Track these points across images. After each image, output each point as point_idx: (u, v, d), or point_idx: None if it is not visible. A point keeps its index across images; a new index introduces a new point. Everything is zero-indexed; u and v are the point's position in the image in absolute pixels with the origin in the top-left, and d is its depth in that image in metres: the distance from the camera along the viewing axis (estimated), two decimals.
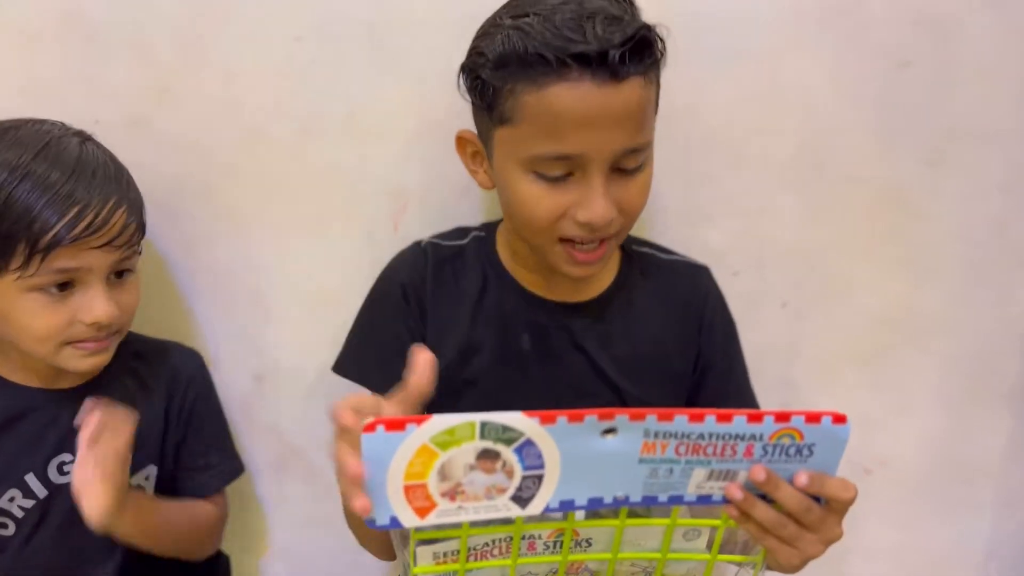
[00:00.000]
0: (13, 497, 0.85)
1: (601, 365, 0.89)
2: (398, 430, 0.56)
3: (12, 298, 0.77)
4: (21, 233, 0.74)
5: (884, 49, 0.98)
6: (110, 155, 0.84)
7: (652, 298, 0.92)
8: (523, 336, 0.88)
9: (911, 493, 1.15)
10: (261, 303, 1.00)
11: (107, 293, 0.79)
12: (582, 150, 0.74)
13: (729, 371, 0.95)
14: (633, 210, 0.80)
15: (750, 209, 1.03)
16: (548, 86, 0.72)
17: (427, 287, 0.88)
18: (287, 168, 0.97)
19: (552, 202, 0.77)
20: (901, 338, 1.10)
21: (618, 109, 0.73)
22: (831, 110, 1.01)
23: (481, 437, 0.57)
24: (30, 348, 0.81)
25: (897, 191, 1.04)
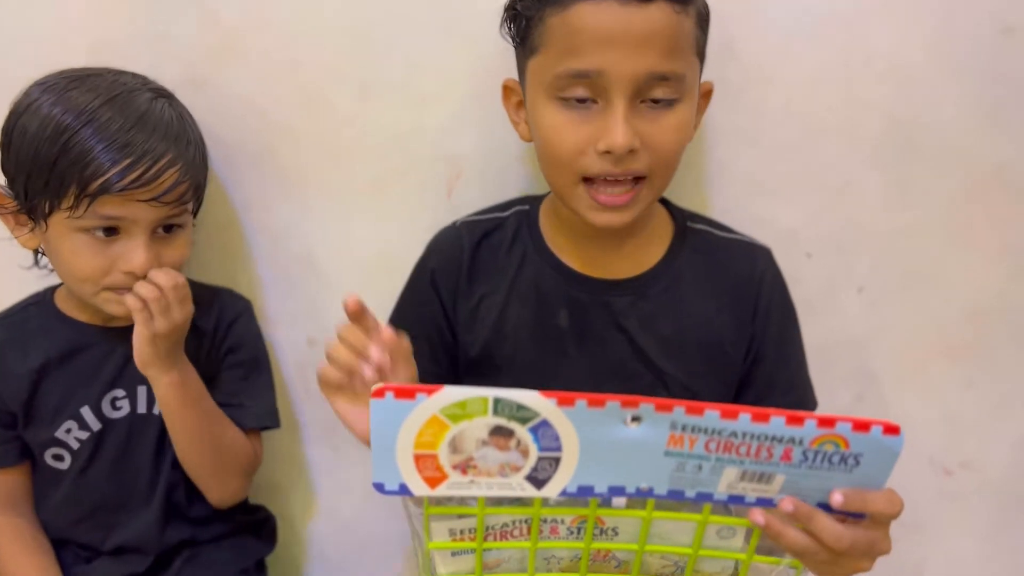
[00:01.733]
0: (70, 428, 0.89)
1: (642, 346, 0.84)
2: (407, 398, 0.55)
3: (60, 235, 0.81)
4: (75, 175, 0.77)
5: (986, 12, 0.89)
6: (181, 114, 0.86)
7: (703, 278, 0.86)
8: (560, 313, 0.85)
9: (1000, 500, 1.06)
10: (316, 266, 1.00)
11: (148, 245, 0.81)
12: (602, 67, 0.72)
13: (782, 361, 0.88)
14: (663, 149, 0.75)
15: (829, 186, 0.96)
16: (572, 5, 0.72)
17: (463, 269, 0.87)
18: (344, 131, 0.96)
19: (574, 132, 0.75)
20: (996, 332, 1.01)
21: (641, 28, 0.71)
22: (925, 79, 0.92)
23: (494, 413, 0.56)
24: (73, 286, 0.85)
25: (998, 171, 0.95)
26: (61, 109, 0.79)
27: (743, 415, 0.54)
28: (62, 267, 0.84)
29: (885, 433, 0.55)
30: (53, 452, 0.90)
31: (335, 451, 1.07)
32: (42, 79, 0.83)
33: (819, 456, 0.55)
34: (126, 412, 0.90)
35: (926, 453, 1.04)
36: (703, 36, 0.79)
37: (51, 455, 0.90)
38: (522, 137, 0.84)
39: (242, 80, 0.94)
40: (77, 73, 0.83)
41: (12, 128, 0.81)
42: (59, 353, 0.89)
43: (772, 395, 0.87)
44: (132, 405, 0.90)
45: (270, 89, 0.95)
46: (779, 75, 0.92)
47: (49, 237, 0.82)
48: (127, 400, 0.90)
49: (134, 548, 0.92)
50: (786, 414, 0.54)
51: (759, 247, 0.90)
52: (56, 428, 0.88)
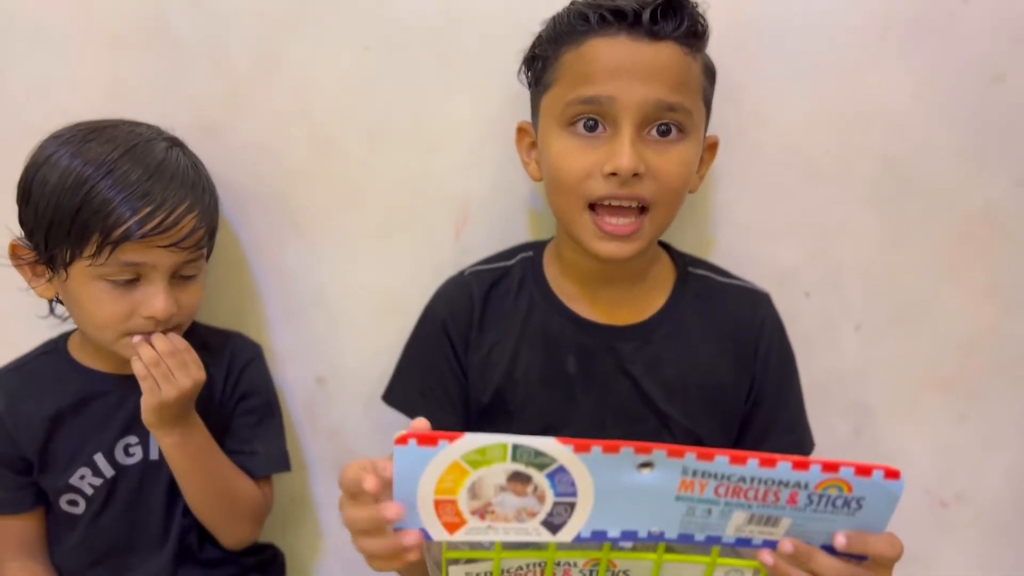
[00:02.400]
0: (83, 475, 0.90)
1: (647, 391, 0.86)
2: (430, 445, 0.56)
3: (81, 283, 0.82)
4: (97, 224, 0.79)
5: (976, 62, 0.93)
6: (194, 162, 0.88)
7: (705, 323, 0.88)
8: (569, 359, 0.87)
9: (994, 532, 1.09)
10: (325, 306, 1.02)
11: (167, 291, 0.83)
12: (612, 93, 0.75)
13: (782, 404, 0.90)
14: (667, 179, 0.78)
15: (826, 227, 0.99)
16: (586, 42, 0.77)
17: (473, 318, 0.89)
18: (354, 175, 0.98)
19: (582, 156, 0.78)
20: (988, 366, 1.04)
21: (650, 62, 0.75)
22: (918, 125, 0.96)
23: (513, 459, 0.57)
24: (92, 333, 0.86)
25: (987, 212, 0.98)
26: (81, 161, 0.80)
27: (751, 461, 0.56)
28: (82, 315, 0.85)
29: (886, 477, 0.56)
30: (68, 498, 0.90)
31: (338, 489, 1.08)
32: (57, 132, 0.84)
33: (823, 500, 0.57)
34: (139, 458, 0.91)
35: (921, 485, 1.07)
36: (710, 87, 0.82)
37: (66, 501, 0.90)
38: (532, 177, 0.87)
39: (253, 126, 0.96)
40: (92, 125, 0.85)
41: (31, 181, 0.82)
42: (73, 401, 0.89)
43: (771, 436, 0.89)
44: (145, 451, 0.91)
45: (281, 135, 0.97)
46: (777, 120, 0.95)
47: (68, 286, 0.83)
48: (140, 447, 0.91)
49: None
50: (792, 460, 0.56)
51: (759, 292, 0.92)
52: (70, 475, 0.89)
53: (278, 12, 0.93)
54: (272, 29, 0.94)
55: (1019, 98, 0.94)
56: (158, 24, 0.94)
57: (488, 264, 0.93)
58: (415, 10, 0.93)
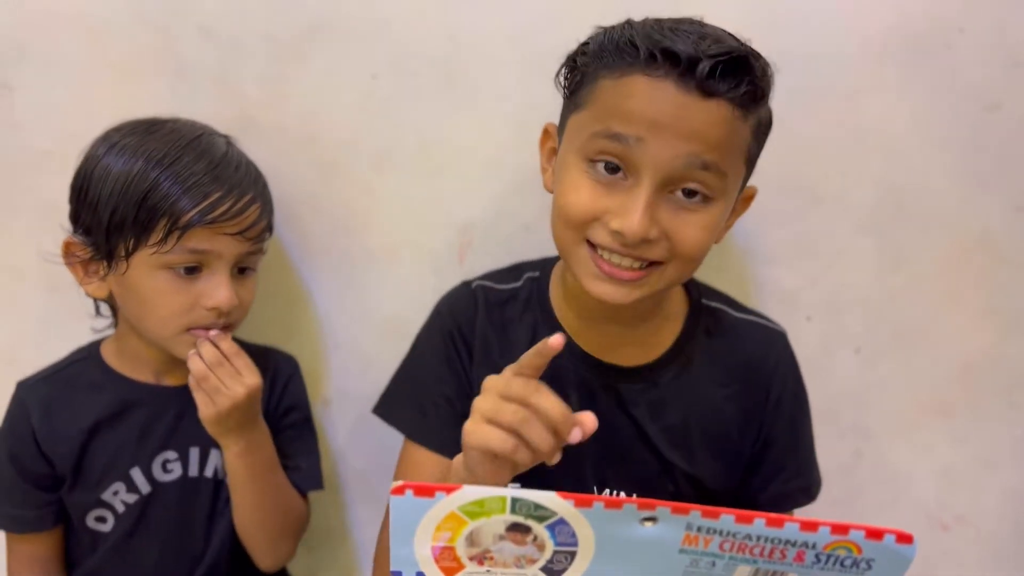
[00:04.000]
0: (117, 491, 0.88)
1: (649, 435, 0.83)
2: (427, 496, 0.56)
3: (144, 273, 0.81)
4: (164, 210, 0.79)
5: (972, 91, 0.95)
6: (251, 160, 0.89)
7: (715, 363, 0.85)
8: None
9: (993, 554, 1.09)
10: (331, 329, 1.03)
11: (230, 282, 0.83)
12: (641, 135, 0.68)
13: (791, 448, 0.88)
14: (684, 245, 0.71)
15: (827, 252, 1.00)
16: (630, 74, 0.69)
17: (476, 331, 0.86)
18: (360, 200, 0.99)
19: (592, 199, 0.71)
20: (987, 389, 1.05)
21: (695, 121, 0.67)
22: (915, 152, 0.97)
23: (512, 512, 0.57)
24: (153, 328, 0.84)
25: (984, 237, 1.00)
26: (142, 154, 0.80)
27: (758, 520, 0.55)
28: (142, 308, 0.83)
29: (898, 542, 0.55)
30: (96, 514, 0.88)
31: (346, 510, 1.09)
32: (115, 127, 0.85)
33: (832, 560, 0.56)
34: (177, 475, 0.89)
35: (923, 508, 1.07)
36: (757, 146, 0.75)
37: (94, 518, 0.88)
38: (545, 186, 0.82)
39: (261, 151, 0.96)
40: (150, 121, 0.85)
41: (89, 176, 0.81)
42: (111, 411, 0.88)
43: (779, 479, 0.87)
44: (184, 468, 0.89)
45: (289, 160, 0.98)
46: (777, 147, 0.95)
47: (128, 279, 0.81)
48: (179, 463, 0.89)
49: None
50: (800, 521, 0.55)
51: (774, 331, 0.89)
52: (103, 490, 0.87)
53: (286, 39, 0.95)
54: (280, 56, 0.95)
55: (1015, 125, 0.96)
56: (167, 51, 0.95)
57: (495, 283, 0.89)
58: (422, 38, 0.94)
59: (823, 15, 0.94)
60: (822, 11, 0.94)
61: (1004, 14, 0.93)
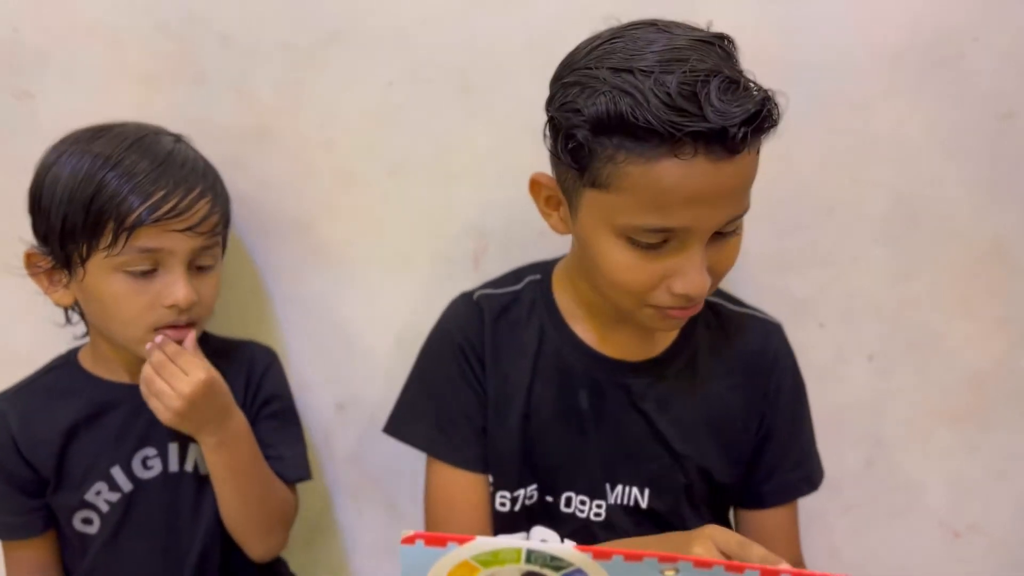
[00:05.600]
0: (100, 491, 0.89)
1: (660, 428, 0.85)
2: (438, 546, 0.55)
3: (101, 278, 0.82)
4: (110, 212, 0.79)
5: (986, 99, 0.95)
6: (200, 155, 0.89)
7: (717, 356, 0.87)
8: (581, 393, 0.85)
9: (1007, 562, 1.09)
10: (346, 335, 1.04)
11: (187, 278, 0.83)
12: (688, 224, 0.68)
13: (792, 438, 0.89)
14: (724, 271, 0.75)
15: (840, 260, 1.01)
16: (658, 160, 0.65)
17: (485, 343, 0.86)
18: (376, 207, 1.00)
19: (647, 272, 0.71)
20: (999, 399, 1.05)
21: (730, 184, 0.68)
22: (929, 161, 0.98)
23: (527, 562, 0.56)
24: (118, 332, 0.85)
25: (998, 246, 1.00)
26: (91, 155, 0.81)
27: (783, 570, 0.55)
28: (104, 313, 0.84)
29: None
30: (82, 516, 0.89)
31: (360, 515, 1.09)
32: (63, 138, 0.85)
33: None
34: (158, 471, 0.90)
35: (936, 516, 1.08)
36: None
37: (80, 519, 0.89)
38: (555, 229, 0.80)
39: (278, 159, 0.98)
40: (98, 127, 0.86)
41: (42, 183, 0.83)
42: (87, 413, 0.89)
43: (782, 470, 0.89)
44: (164, 463, 0.90)
45: (305, 167, 0.99)
46: (792, 156, 0.97)
47: (87, 285, 0.82)
48: (159, 459, 0.90)
49: None
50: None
51: (771, 324, 0.91)
52: (85, 491, 0.88)
53: (304, 48, 0.96)
54: (298, 64, 0.96)
55: None
56: (187, 59, 0.96)
57: (496, 288, 0.90)
58: (438, 46, 0.95)
59: (836, 24, 0.94)
60: (835, 20, 0.94)
61: (1018, 23, 0.94)
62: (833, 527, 1.08)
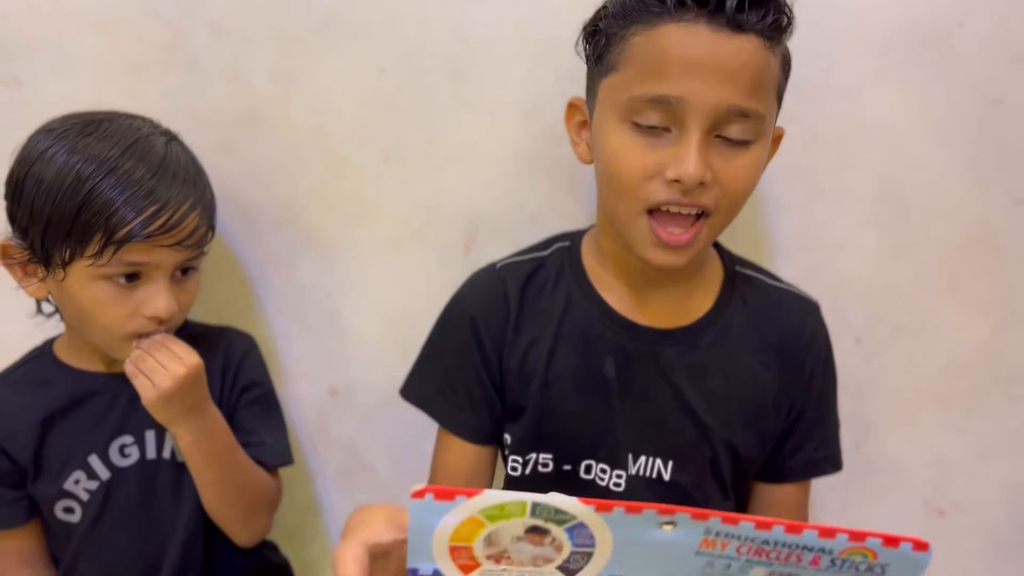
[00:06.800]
0: (78, 479, 0.88)
1: (689, 400, 0.82)
2: (447, 500, 0.56)
3: (82, 284, 0.80)
4: (99, 224, 0.78)
5: (974, 85, 0.96)
6: (192, 157, 0.88)
7: (751, 329, 0.85)
8: (607, 361, 0.83)
9: (989, 540, 1.11)
10: (338, 321, 1.04)
11: (169, 289, 0.83)
12: (682, 94, 0.69)
13: (820, 419, 0.89)
14: (734, 189, 0.73)
15: (827, 243, 1.02)
16: (660, 26, 0.70)
17: (509, 318, 0.85)
18: (367, 193, 1.00)
19: (644, 157, 0.72)
20: (984, 381, 1.06)
21: (729, 59, 0.69)
22: (917, 146, 0.99)
23: (532, 515, 0.57)
24: (94, 335, 0.84)
25: (984, 230, 1.01)
26: (79, 158, 0.78)
27: (777, 527, 0.56)
28: (82, 316, 0.83)
29: (914, 549, 0.55)
30: (63, 505, 0.89)
31: (352, 500, 1.10)
32: (49, 125, 0.82)
33: (847, 564, 0.57)
34: (135, 459, 0.90)
35: (920, 495, 1.09)
36: (784, 80, 0.77)
37: (61, 508, 0.89)
38: (580, 158, 0.82)
39: (270, 145, 0.98)
40: (87, 118, 0.83)
41: (24, 177, 0.80)
42: (63, 403, 0.88)
43: (806, 448, 0.88)
44: (141, 451, 0.90)
45: (296, 154, 0.99)
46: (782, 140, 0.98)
47: (67, 286, 0.81)
48: (135, 446, 0.90)
49: None
50: (819, 528, 0.56)
51: (809, 302, 0.89)
52: (64, 480, 0.88)
53: (295, 34, 0.96)
54: (289, 51, 0.96)
55: (1016, 118, 0.97)
56: (178, 46, 0.96)
57: (522, 256, 0.89)
58: (430, 33, 0.95)
59: (826, 9, 0.95)
60: (825, 5, 0.95)
61: (1005, 9, 0.94)
62: (820, 505, 1.10)
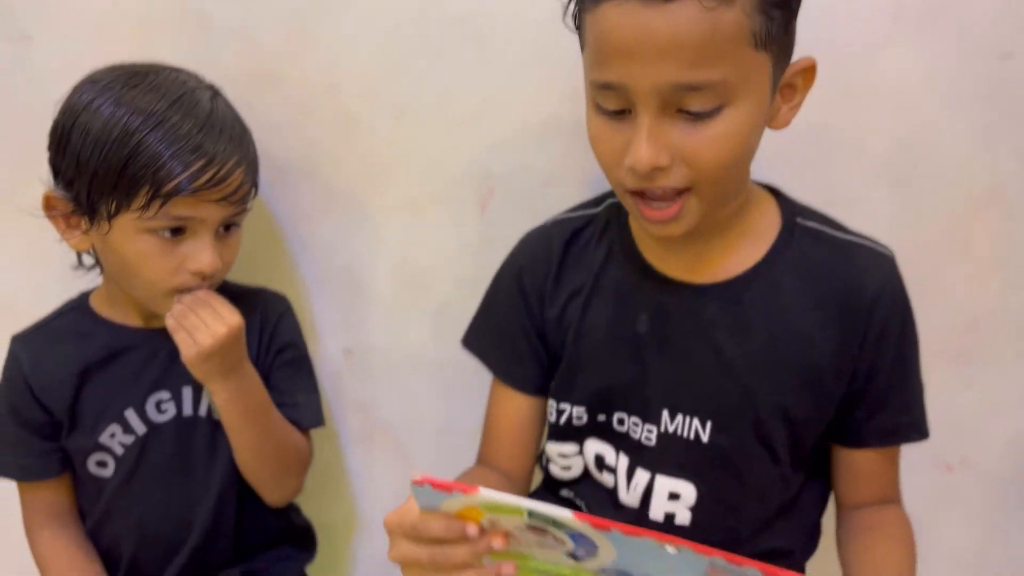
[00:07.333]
0: (114, 433, 0.89)
1: (732, 362, 0.78)
2: (445, 491, 0.57)
3: (127, 237, 0.81)
4: (147, 177, 0.78)
5: (985, 40, 0.96)
6: (236, 114, 0.87)
7: (809, 285, 0.78)
8: (640, 317, 0.80)
9: (996, 495, 1.13)
10: (353, 281, 1.05)
11: (214, 245, 0.83)
12: (622, 79, 0.66)
13: (897, 382, 0.81)
14: (703, 162, 0.68)
15: (837, 203, 1.00)
16: (599, 6, 0.66)
17: (551, 269, 0.84)
18: (381, 152, 1.00)
19: (611, 142, 0.70)
20: (993, 339, 1.07)
21: (662, 34, 0.63)
22: (928, 105, 0.98)
23: (529, 519, 0.57)
24: (138, 290, 0.84)
25: (995, 189, 1.01)
26: (126, 110, 0.78)
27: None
28: (125, 269, 0.83)
29: None
30: (97, 459, 0.89)
31: (370, 459, 1.11)
32: (94, 76, 0.82)
33: None
34: (172, 415, 0.90)
35: (929, 451, 1.10)
36: (769, 20, 0.67)
37: (95, 462, 0.89)
38: None
39: (284, 103, 0.98)
40: (132, 70, 0.83)
41: (69, 128, 0.80)
42: (100, 356, 0.88)
43: (883, 414, 0.81)
44: (178, 407, 0.90)
45: (311, 112, 0.99)
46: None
47: (111, 239, 0.81)
48: (172, 403, 0.90)
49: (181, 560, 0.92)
50: None
51: (880, 253, 0.81)
52: (100, 433, 0.88)
53: None
54: (302, 8, 0.95)
55: None
56: (188, 4, 0.95)
57: (575, 212, 0.88)
58: None
59: None
60: None
61: None
62: None
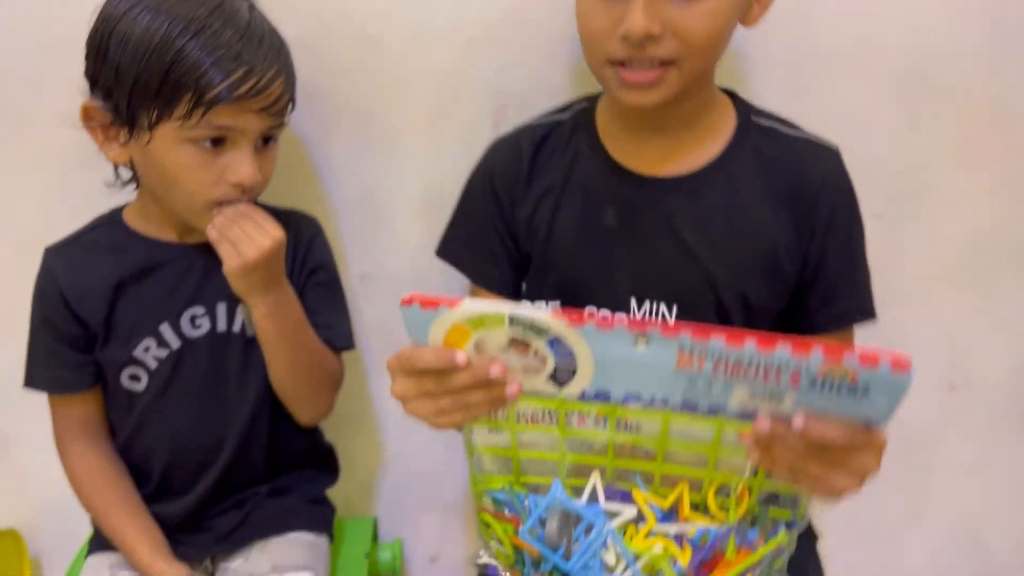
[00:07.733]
0: (148, 347, 0.89)
1: (694, 249, 0.83)
2: (431, 308, 0.60)
3: (168, 147, 0.80)
4: (189, 85, 0.77)
5: None
6: (273, 26, 0.86)
7: (763, 178, 0.84)
8: (607, 211, 0.84)
9: (998, 413, 1.16)
10: (368, 204, 1.05)
11: (253, 157, 0.82)
12: None
13: (846, 268, 0.86)
14: (691, 35, 0.73)
15: (849, 122, 1.03)
16: None
17: (521, 172, 0.87)
18: (394, 72, 1.00)
19: (599, 16, 0.75)
20: (999, 258, 1.10)
21: None
22: (939, 24, 1.00)
23: (510, 325, 0.60)
24: (178, 200, 0.84)
25: (1004, 109, 1.03)
26: (166, 17, 0.77)
27: (749, 343, 0.54)
28: (165, 181, 0.82)
29: (894, 370, 0.52)
30: (130, 372, 0.90)
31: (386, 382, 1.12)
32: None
33: (827, 385, 0.54)
34: (206, 330, 0.90)
35: (933, 369, 1.13)
36: None
37: (128, 375, 0.90)
38: None
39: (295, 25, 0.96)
40: None
41: (108, 36, 0.78)
42: (136, 270, 0.88)
43: (834, 301, 0.86)
44: (212, 323, 0.90)
45: (325, 34, 0.98)
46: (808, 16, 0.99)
47: (151, 150, 0.80)
48: (207, 317, 0.90)
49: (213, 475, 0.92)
50: (792, 343, 0.53)
51: (826, 148, 0.86)
52: (134, 346, 0.88)
53: None
54: None
55: None
56: None
57: (542, 118, 0.91)
58: None
59: None
60: None
61: None
62: None
